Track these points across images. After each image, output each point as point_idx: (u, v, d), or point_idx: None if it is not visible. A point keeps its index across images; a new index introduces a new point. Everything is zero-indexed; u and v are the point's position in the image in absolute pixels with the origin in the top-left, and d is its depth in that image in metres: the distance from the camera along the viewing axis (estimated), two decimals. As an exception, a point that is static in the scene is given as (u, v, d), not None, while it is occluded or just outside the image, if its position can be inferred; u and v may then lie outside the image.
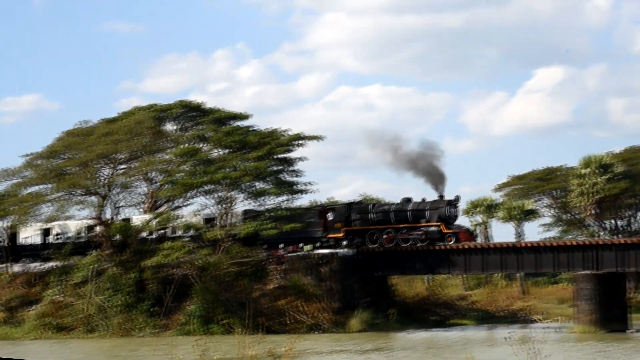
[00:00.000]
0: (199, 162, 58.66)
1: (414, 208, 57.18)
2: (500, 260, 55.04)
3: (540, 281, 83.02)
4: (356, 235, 58.13)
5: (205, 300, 53.01)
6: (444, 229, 55.83)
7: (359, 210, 58.60)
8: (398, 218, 57.31)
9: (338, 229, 58.31)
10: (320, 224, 58.86)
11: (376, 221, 57.83)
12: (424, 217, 56.72)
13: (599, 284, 51.88)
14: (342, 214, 58.55)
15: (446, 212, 56.38)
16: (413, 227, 56.61)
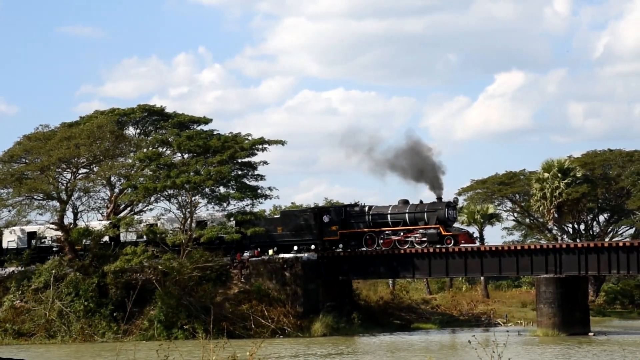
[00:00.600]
0: (160, 167, 58.26)
1: (412, 210, 56.31)
2: (464, 264, 55.29)
3: (502, 285, 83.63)
4: (352, 238, 57.29)
5: (167, 305, 52.61)
6: (443, 231, 55.01)
7: (356, 212, 57.69)
8: (396, 220, 56.53)
9: (334, 232, 57.39)
10: (315, 226, 57.82)
11: (373, 224, 57.03)
12: (422, 219, 55.85)
13: (561, 288, 52.30)
14: (338, 216, 57.53)
15: (445, 215, 55.53)
16: (411, 229, 55.96)
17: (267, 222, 59.20)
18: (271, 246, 58.19)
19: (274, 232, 58.52)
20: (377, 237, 56.48)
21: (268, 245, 58.21)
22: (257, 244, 58.43)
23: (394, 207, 57.20)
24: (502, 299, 74.45)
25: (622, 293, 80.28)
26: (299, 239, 57.96)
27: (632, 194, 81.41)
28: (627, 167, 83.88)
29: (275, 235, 58.32)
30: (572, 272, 52.38)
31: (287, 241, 58.12)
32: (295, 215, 59.18)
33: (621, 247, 51.18)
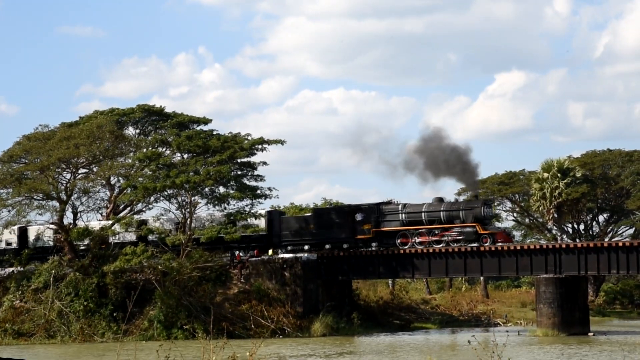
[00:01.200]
0: (160, 167, 58.25)
1: (448, 208, 55.28)
2: (463, 264, 55.26)
3: (502, 285, 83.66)
4: (385, 237, 56.50)
5: (167, 305, 52.62)
6: (480, 229, 54.11)
7: (389, 210, 56.83)
8: (431, 219, 55.46)
9: (367, 230, 56.68)
10: (347, 225, 57.20)
11: (407, 222, 56.20)
12: (458, 217, 54.84)
13: (561, 288, 52.28)
14: (371, 215, 56.84)
15: (482, 212, 54.45)
16: (447, 227, 55.19)
17: (298, 220, 59.26)
18: (302, 244, 57.96)
19: (306, 230, 58.24)
20: (411, 235, 55.74)
21: (299, 244, 58.03)
22: (288, 242, 58.36)
23: (428, 204, 56.30)
24: (502, 299, 74.49)
25: (621, 293, 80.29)
26: (332, 238, 57.41)
27: (631, 194, 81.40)
28: (627, 167, 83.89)
29: (306, 234, 57.99)
30: (571, 272, 52.38)
31: (319, 239, 57.70)
32: (328, 213, 58.71)
33: (621, 247, 51.19)
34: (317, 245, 57.89)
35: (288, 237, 58.44)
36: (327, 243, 57.59)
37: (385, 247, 56.12)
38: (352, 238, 57.03)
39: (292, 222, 59.26)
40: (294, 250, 58.17)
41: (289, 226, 59.16)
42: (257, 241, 58.68)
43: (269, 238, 58.94)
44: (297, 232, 58.36)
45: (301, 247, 58.07)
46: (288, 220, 59.75)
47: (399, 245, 55.80)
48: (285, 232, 58.90)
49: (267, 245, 59.05)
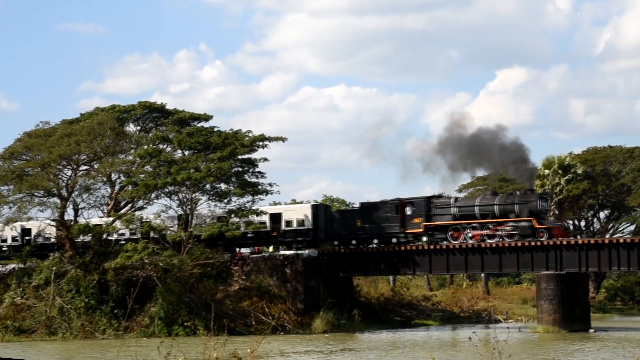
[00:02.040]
0: (161, 163, 58.24)
1: (502, 202, 53.80)
2: (464, 261, 55.24)
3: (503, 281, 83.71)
4: (437, 231, 55.45)
5: (168, 302, 52.65)
6: (536, 224, 52.66)
7: (441, 204, 55.55)
8: (484, 213, 54.05)
9: (417, 224, 55.70)
10: (397, 219, 56.31)
11: (459, 216, 54.86)
12: (513, 211, 53.26)
13: (561, 284, 52.27)
14: (421, 209, 55.74)
15: (538, 206, 52.93)
16: (501, 222, 53.68)
17: (345, 215, 58.52)
18: (349, 239, 57.31)
19: (352, 224, 57.50)
20: (463, 230, 54.70)
21: (346, 239, 57.41)
22: (334, 237, 57.87)
23: (482, 198, 55.54)
24: (503, 295, 74.54)
25: (622, 289, 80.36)
26: (380, 232, 56.65)
27: (632, 190, 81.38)
28: (628, 164, 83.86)
29: (353, 228, 57.32)
30: (572, 269, 52.38)
31: (366, 234, 57.00)
32: (376, 207, 57.48)
33: (621, 243, 51.18)
34: (365, 240, 56.98)
35: (334, 232, 57.73)
36: (375, 237, 56.70)
37: (436, 242, 55.04)
38: (402, 232, 56.13)
39: (339, 217, 58.32)
40: (341, 245, 57.38)
41: (335, 220, 58.28)
42: (302, 235, 58.19)
43: (315, 233, 58.29)
44: (344, 227, 57.48)
45: (349, 242, 57.27)
46: (334, 214, 58.77)
47: (451, 239, 54.68)
48: (332, 227, 58.10)
49: (313, 240, 58.49)
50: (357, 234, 56.99)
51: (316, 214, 58.54)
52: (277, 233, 58.56)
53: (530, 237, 52.56)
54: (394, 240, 56.13)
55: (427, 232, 55.36)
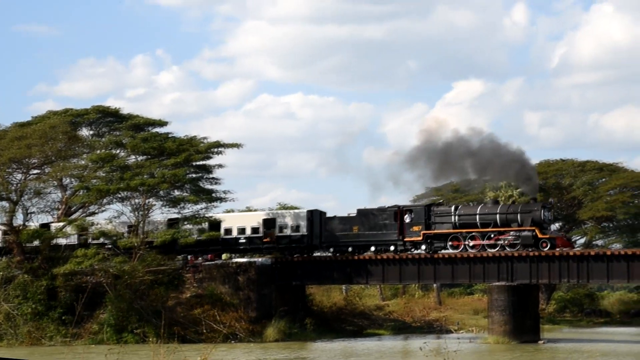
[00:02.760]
0: (115, 168, 57.60)
1: (504, 211, 52.86)
2: (417, 271, 55.38)
3: (455, 292, 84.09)
4: (436, 239, 54.41)
5: (118, 308, 52.00)
6: (539, 234, 51.79)
7: (441, 212, 54.69)
8: (485, 222, 53.10)
9: (416, 233, 54.68)
10: (395, 226, 55.27)
11: (460, 224, 53.94)
12: (515, 220, 52.31)
13: (513, 295, 52.65)
14: (421, 216, 54.65)
15: (541, 216, 51.90)
16: (502, 231, 52.73)
17: (341, 221, 57.26)
18: (345, 246, 56.49)
19: (349, 231, 56.46)
20: (463, 238, 53.85)
21: (342, 246, 56.58)
22: (330, 244, 57.00)
23: (483, 206, 54.53)
24: (455, 306, 74.90)
25: (572, 302, 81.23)
26: (377, 240, 55.64)
27: (583, 204, 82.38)
28: (580, 177, 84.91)
29: (350, 235, 56.33)
30: (524, 281, 52.78)
31: (363, 241, 56.00)
32: (374, 214, 56.35)
33: (572, 256, 51.71)
34: (361, 247, 56.16)
35: (330, 239, 56.85)
36: (372, 245, 55.78)
37: (435, 250, 54.26)
38: (400, 240, 55.26)
39: (335, 223, 57.17)
40: (336, 252, 56.56)
41: (331, 227, 57.15)
42: (297, 242, 57.37)
43: (310, 239, 57.47)
44: (340, 234, 56.52)
45: (345, 249, 56.47)
46: (330, 221, 57.53)
47: (450, 248, 53.88)
48: (327, 233, 57.13)
49: (308, 247, 57.69)
50: (353, 240, 56.10)
51: (311, 220, 57.49)
52: (270, 239, 57.58)
53: (533, 247, 51.69)
54: (391, 248, 55.29)
55: (426, 241, 54.50)
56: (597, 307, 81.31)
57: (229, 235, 58.73)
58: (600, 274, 51.33)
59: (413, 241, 54.81)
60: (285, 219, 58.29)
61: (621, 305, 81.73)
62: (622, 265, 50.60)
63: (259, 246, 58.44)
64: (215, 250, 58.86)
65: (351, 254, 56.50)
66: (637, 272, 50.42)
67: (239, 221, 59.53)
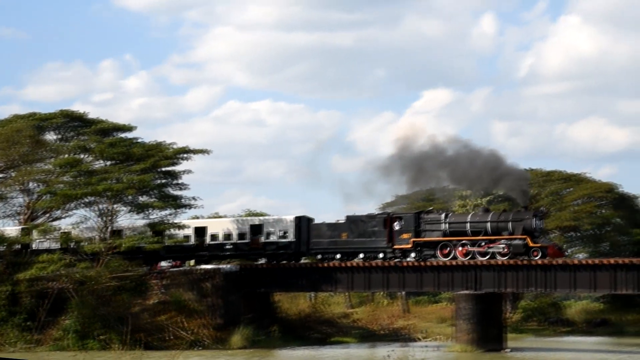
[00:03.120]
0: (80, 173, 57.07)
1: (495, 219, 52.30)
2: (384, 279, 55.40)
3: (421, 300, 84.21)
4: (426, 247, 53.78)
5: (82, 315, 51.43)
6: (531, 242, 51.24)
7: (431, 220, 54.04)
8: (476, 230, 52.56)
9: (406, 240, 53.99)
10: (384, 233, 54.58)
11: (450, 232, 53.36)
12: (506, 229, 51.78)
13: (478, 304, 52.82)
14: (410, 224, 53.99)
15: (532, 224, 51.39)
16: (493, 239, 52.18)
17: (330, 228, 56.54)
18: (333, 253, 55.75)
19: (337, 238, 55.80)
20: (453, 246, 53.24)
21: (330, 252, 55.86)
22: (318, 250, 56.29)
23: (474, 214, 54.07)
24: (422, 314, 74.97)
25: (537, 310, 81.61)
26: (366, 247, 55.00)
27: (549, 213, 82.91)
28: (546, 187, 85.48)
29: (339, 242, 55.67)
30: (490, 289, 52.99)
31: (352, 248, 55.35)
32: (363, 221, 55.67)
33: (537, 265, 51.98)
34: (350, 254, 55.54)
35: (318, 245, 56.14)
36: (361, 252, 55.14)
37: (425, 258, 53.77)
38: (389, 247, 54.65)
39: (323, 229, 56.38)
40: (324, 259, 55.90)
41: (319, 233, 56.38)
42: (284, 248, 56.79)
43: (297, 246, 56.78)
44: (329, 240, 55.85)
45: (332, 256, 55.79)
46: (318, 227, 56.73)
47: (440, 256, 53.43)
48: (315, 240, 56.41)
49: (295, 254, 57.10)
50: (342, 247, 55.51)
51: (299, 226, 56.95)
52: (256, 246, 57.04)
53: (524, 255, 51.29)
54: (380, 255, 54.72)
55: (416, 248, 53.96)
56: (562, 316, 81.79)
57: (215, 241, 58.17)
58: (565, 283, 51.66)
59: (402, 249, 54.24)
60: (272, 225, 57.57)
61: (585, 315, 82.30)
62: (586, 274, 50.98)
63: (246, 252, 57.91)
64: (201, 256, 58.30)
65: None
66: (601, 282, 50.82)
67: (225, 227, 58.83)
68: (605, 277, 50.47)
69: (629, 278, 49.87)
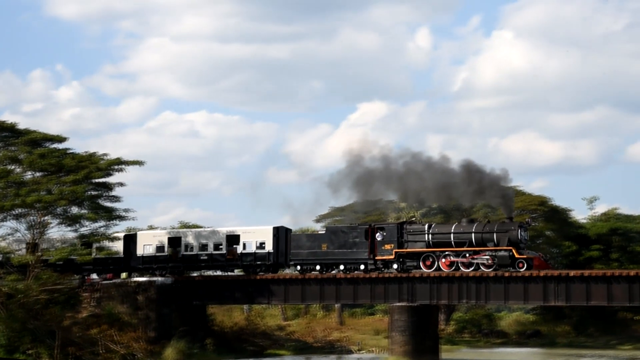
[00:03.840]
0: (9, 184, 55.84)
1: (479, 230, 51.73)
2: (319, 291, 55.38)
3: (357, 312, 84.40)
4: (408, 258, 52.92)
5: (11, 328, 50.20)
6: (516, 254, 50.71)
7: (414, 230, 53.28)
8: (460, 241, 51.98)
9: (388, 251, 53.05)
10: (366, 244, 53.70)
11: (433, 243, 52.70)
12: (491, 240, 51.26)
13: (413, 316, 53.12)
14: (393, 234, 53.15)
15: (518, 236, 51.01)
16: (478, 250, 51.67)
17: (309, 239, 55.65)
18: (313, 264, 54.75)
19: (317, 249, 54.73)
20: (437, 258, 52.45)
21: (310, 264, 54.77)
22: (297, 262, 55.14)
23: (457, 225, 52.95)
24: (357, 326, 75.15)
25: (470, 322, 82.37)
26: (347, 258, 53.98)
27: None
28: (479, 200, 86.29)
29: (318, 253, 54.58)
30: (424, 301, 53.31)
31: (332, 259, 54.33)
32: (343, 231, 54.78)
33: (471, 277, 52.48)
34: (330, 265, 54.58)
35: (297, 257, 55.12)
36: (341, 263, 54.15)
37: (407, 270, 53.01)
38: (371, 259, 53.75)
39: (303, 240, 55.43)
40: (304, 270, 54.90)
41: (298, 244, 55.34)
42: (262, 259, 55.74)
43: (275, 257, 55.90)
44: (308, 251, 54.88)
45: (312, 267, 54.87)
46: (298, 238, 55.88)
47: (424, 267, 52.63)
48: (295, 251, 55.36)
49: (274, 265, 56.19)
50: (322, 259, 54.57)
51: (277, 237, 56.12)
52: (232, 256, 56.20)
53: (509, 267, 50.80)
54: (361, 267, 53.80)
55: (398, 259, 53.17)
56: (495, 327, 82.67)
57: (189, 251, 57.29)
58: (499, 295, 52.23)
59: (384, 260, 53.54)
60: (250, 235, 56.56)
61: (518, 326, 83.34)
62: (519, 286, 51.58)
63: (222, 263, 57.01)
64: (175, 267, 57.27)
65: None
66: (533, 294, 51.49)
67: (201, 237, 57.96)
68: (537, 289, 51.17)
69: (560, 290, 50.65)
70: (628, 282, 49.12)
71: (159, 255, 56.92)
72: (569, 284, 50.41)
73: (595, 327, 78.14)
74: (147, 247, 58.38)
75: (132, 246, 58.85)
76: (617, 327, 78.07)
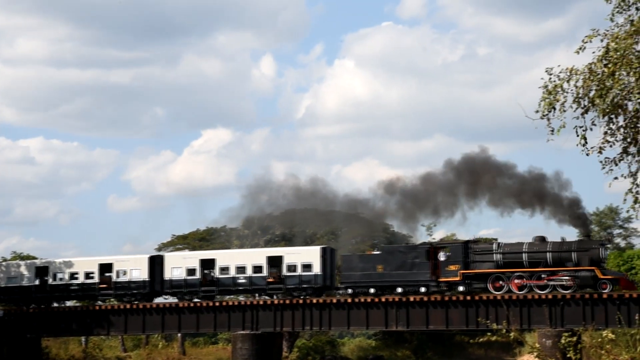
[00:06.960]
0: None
1: (557, 249, 47.71)
2: (161, 321, 54.07)
3: (200, 341, 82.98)
4: (476, 280, 49.34)
5: None
6: (600, 274, 46.87)
7: (481, 250, 49.85)
8: (533, 260, 48.10)
9: (454, 272, 49.44)
10: (427, 265, 50.29)
11: (503, 263, 48.94)
12: (569, 259, 47.40)
13: (257, 344, 52.61)
14: (458, 254, 49.59)
15: (600, 255, 47.03)
16: (555, 271, 47.61)
17: (362, 260, 51.88)
18: (367, 287, 50.98)
19: (372, 270, 51.06)
20: (507, 279, 48.73)
21: (363, 287, 50.98)
22: (350, 284, 51.24)
23: (530, 244, 48.68)
24: (199, 356, 73.79)
25: (314, 349, 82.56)
26: (406, 280, 50.35)
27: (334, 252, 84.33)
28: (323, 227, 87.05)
29: (373, 275, 50.91)
30: (268, 329, 52.93)
31: (388, 281, 50.67)
32: (401, 251, 51.30)
33: (314, 304, 52.57)
34: (386, 288, 51.13)
35: (349, 279, 51.34)
36: (399, 286, 50.60)
37: (474, 292, 49.56)
38: (433, 280, 50.21)
39: (355, 261, 51.90)
40: (356, 294, 50.98)
41: (350, 266, 51.77)
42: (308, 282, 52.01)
43: (323, 279, 52.33)
44: (362, 273, 51.22)
45: (366, 290, 51.21)
46: (349, 259, 52.48)
47: (492, 289, 48.86)
48: (346, 273, 51.73)
49: (322, 288, 52.42)
50: (377, 281, 51.08)
51: (324, 258, 52.68)
52: (274, 279, 52.50)
53: (592, 287, 47.09)
54: (422, 289, 50.32)
55: (465, 281, 49.66)
56: (338, 353, 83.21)
57: (225, 274, 53.68)
58: (341, 321, 52.52)
59: (449, 281, 50.08)
60: (295, 257, 52.84)
61: (360, 352, 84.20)
62: (361, 312, 52.04)
63: (262, 287, 53.12)
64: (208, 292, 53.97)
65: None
66: (374, 319, 52.01)
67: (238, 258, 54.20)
68: (378, 315, 51.74)
69: (400, 315, 51.38)
70: (465, 306, 50.39)
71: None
72: (409, 308, 51.23)
73: (434, 350, 79.97)
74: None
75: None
76: (455, 350, 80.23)
